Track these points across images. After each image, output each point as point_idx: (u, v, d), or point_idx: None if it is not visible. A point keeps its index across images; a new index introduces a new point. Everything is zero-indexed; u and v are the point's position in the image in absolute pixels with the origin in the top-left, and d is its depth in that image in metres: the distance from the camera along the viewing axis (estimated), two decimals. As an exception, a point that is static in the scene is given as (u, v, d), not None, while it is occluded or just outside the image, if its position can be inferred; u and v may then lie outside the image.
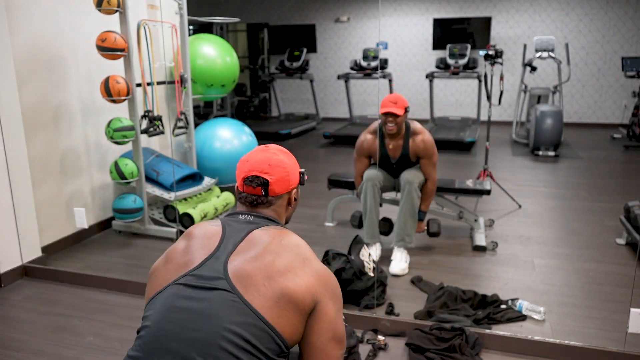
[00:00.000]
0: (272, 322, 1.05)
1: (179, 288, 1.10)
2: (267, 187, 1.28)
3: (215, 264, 1.12)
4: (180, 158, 4.16)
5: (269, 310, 1.06)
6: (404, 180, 3.08)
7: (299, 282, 1.11)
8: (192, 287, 1.09)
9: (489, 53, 4.22)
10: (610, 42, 8.27)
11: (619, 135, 7.34)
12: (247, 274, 1.09)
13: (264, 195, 1.29)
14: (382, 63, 7.88)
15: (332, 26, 9.54)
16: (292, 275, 1.11)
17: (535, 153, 6.19)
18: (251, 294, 1.07)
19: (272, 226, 1.25)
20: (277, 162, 1.31)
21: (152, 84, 3.58)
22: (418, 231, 3.20)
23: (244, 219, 1.25)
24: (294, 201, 1.38)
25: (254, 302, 1.06)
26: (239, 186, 1.33)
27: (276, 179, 1.29)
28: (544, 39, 6.88)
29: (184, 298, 1.08)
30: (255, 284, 1.08)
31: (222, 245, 1.16)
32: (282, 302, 1.07)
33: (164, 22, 3.78)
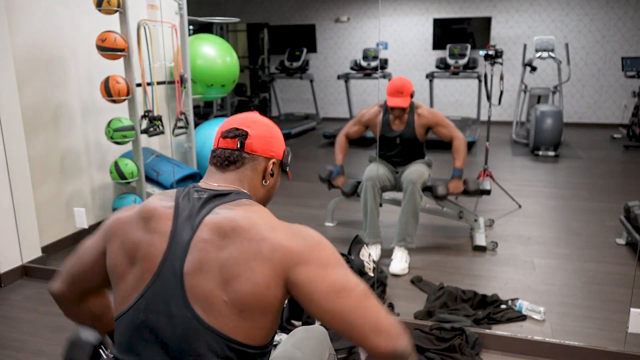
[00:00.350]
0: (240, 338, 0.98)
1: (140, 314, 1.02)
2: (244, 138, 1.13)
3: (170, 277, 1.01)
4: (180, 158, 4.16)
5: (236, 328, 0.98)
6: (407, 180, 3.08)
7: (258, 278, 0.97)
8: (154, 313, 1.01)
9: (489, 53, 4.22)
10: (610, 42, 8.27)
11: (619, 135, 7.34)
12: (204, 291, 0.98)
13: (239, 149, 1.13)
14: (382, 63, 7.88)
15: (332, 26, 9.54)
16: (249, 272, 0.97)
17: (535, 153, 6.19)
18: (213, 315, 0.97)
19: (225, 205, 1.06)
20: (264, 122, 1.19)
21: (152, 84, 3.58)
22: (455, 191, 3.17)
23: (198, 198, 1.07)
24: (271, 177, 1.19)
25: (219, 325, 0.97)
26: (214, 145, 1.18)
27: (257, 134, 1.15)
28: (544, 39, 6.88)
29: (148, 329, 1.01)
30: (215, 303, 0.97)
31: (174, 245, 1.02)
32: (247, 313, 0.98)
33: (164, 22, 3.78)
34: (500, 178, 4.67)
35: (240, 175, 1.14)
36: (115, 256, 1.09)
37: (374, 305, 1.00)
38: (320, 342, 1.35)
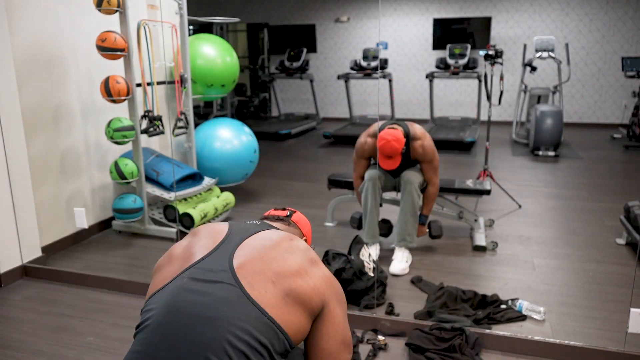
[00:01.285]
0: (276, 318, 1.04)
1: (183, 281, 1.08)
2: (292, 213, 1.45)
3: (220, 256, 1.12)
4: (180, 158, 4.16)
5: (275, 307, 1.05)
6: (405, 180, 3.08)
7: (309, 281, 1.11)
8: (196, 280, 1.08)
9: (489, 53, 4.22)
10: (610, 42, 8.27)
11: (619, 135, 7.34)
12: (254, 269, 1.09)
13: (287, 216, 1.42)
14: (382, 63, 7.88)
15: (332, 26, 9.54)
16: (302, 275, 1.12)
17: (535, 153, 6.19)
18: (257, 290, 1.06)
19: (280, 230, 1.28)
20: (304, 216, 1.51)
21: (152, 84, 3.58)
22: (420, 235, 3.20)
23: (252, 224, 1.28)
24: None
25: (259, 298, 1.05)
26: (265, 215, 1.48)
27: (301, 216, 1.48)
28: (544, 39, 6.88)
29: (188, 291, 1.06)
30: (262, 280, 1.07)
31: (227, 240, 1.17)
32: (290, 299, 1.07)
33: (164, 22, 3.78)
34: (500, 178, 4.68)
35: (282, 226, 1.39)
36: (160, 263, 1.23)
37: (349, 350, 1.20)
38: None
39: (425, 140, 3.09)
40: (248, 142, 4.25)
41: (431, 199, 3.15)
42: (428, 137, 3.12)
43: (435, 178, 3.13)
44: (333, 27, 9.54)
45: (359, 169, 3.28)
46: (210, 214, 3.68)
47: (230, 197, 3.94)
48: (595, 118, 8.56)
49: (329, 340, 1.13)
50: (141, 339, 1.05)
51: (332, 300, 1.15)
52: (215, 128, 4.22)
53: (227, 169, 4.13)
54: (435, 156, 3.11)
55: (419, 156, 3.09)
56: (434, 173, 3.12)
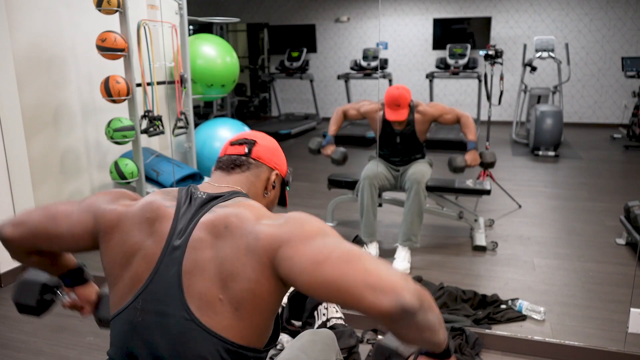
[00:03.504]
0: (237, 339, 0.96)
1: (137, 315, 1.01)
2: (252, 145, 1.19)
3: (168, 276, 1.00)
4: (180, 158, 4.16)
5: (231, 328, 0.96)
6: (411, 179, 3.08)
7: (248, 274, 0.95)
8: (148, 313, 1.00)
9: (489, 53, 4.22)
10: (610, 42, 8.27)
11: (619, 135, 7.34)
12: (200, 289, 0.97)
13: (246, 155, 1.17)
14: (382, 63, 7.88)
15: (332, 26, 9.54)
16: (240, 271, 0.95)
17: (535, 153, 6.19)
18: (207, 314, 0.96)
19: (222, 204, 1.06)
20: (270, 138, 1.25)
21: (152, 84, 3.58)
22: (473, 163, 3.16)
23: (199, 198, 1.08)
24: (272, 189, 1.23)
25: (213, 324, 0.95)
26: (220, 155, 1.21)
27: (264, 144, 1.21)
28: (544, 39, 6.88)
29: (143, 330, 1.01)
30: (210, 301, 0.96)
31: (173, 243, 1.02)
32: (242, 312, 0.96)
33: (164, 22, 3.78)
34: (500, 178, 4.67)
35: (243, 179, 1.16)
36: (114, 254, 1.08)
37: (363, 262, 0.87)
38: (326, 346, 1.34)
39: (427, 104, 3.24)
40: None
41: (470, 124, 3.19)
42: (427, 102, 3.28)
43: (458, 111, 3.21)
44: (333, 27, 9.54)
45: (349, 111, 3.42)
46: (210, 214, 3.67)
47: (230, 197, 3.94)
48: (595, 118, 8.56)
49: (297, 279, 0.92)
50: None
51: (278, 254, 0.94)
52: (215, 128, 4.22)
53: (227, 169, 4.13)
54: (442, 105, 3.24)
55: (432, 113, 3.19)
56: (455, 111, 3.20)
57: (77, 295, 1.39)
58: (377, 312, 0.82)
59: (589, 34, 8.34)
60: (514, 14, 8.60)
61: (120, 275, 1.06)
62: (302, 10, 9.63)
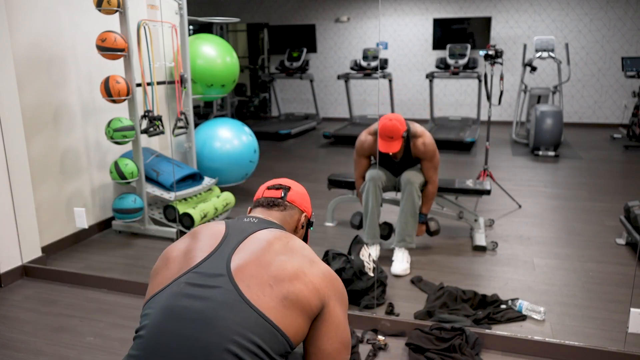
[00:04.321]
0: (275, 321, 1.04)
1: (180, 286, 1.08)
2: (287, 191, 1.39)
3: (217, 260, 1.11)
4: (180, 158, 4.16)
5: (273, 310, 1.04)
6: (405, 180, 3.08)
7: (307, 284, 1.10)
8: (193, 285, 1.07)
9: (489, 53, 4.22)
10: (610, 42, 8.27)
11: (619, 135, 7.34)
12: (251, 273, 1.08)
13: (282, 198, 1.37)
14: (382, 63, 7.88)
15: (332, 26, 9.54)
16: (300, 276, 1.10)
17: (535, 153, 6.19)
18: (255, 293, 1.05)
19: (277, 229, 1.25)
20: (301, 187, 1.46)
21: (152, 84, 3.58)
22: (419, 234, 3.20)
23: (249, 221, 1.26)
24: (302, 229, 1.42)
25: (258, 302, 1.04)
26: (258, 197, 1.41)
27: (296, 191, 1.42)
28: (544, 39, 6.88)
29: (185, 296, 1.05)
30: (260, 283, 1.06)
31: (225, 242, 1.16)
32: (288, 302, 1.06)
33: (164, 22, 3.78)
34: (500, 178, 4.68)
35: (281, 217, 1.35)
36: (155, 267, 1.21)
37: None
38: None
39: (426, 137, 3.09)
40: (248, 142, 4.25)
41: (430, 197, 3.15)
42: (429, 135, 3.12)
43: (435, 176, 3.13)
44: (333, 27, 9.54)
45: (360, 168, 3.27)
46: (210, 214, 3.68)
47: (230, 197, 3.94)
48: (595, 118, 8.56)
49: (328, 341, 1.12)
50: (138, 344, 1.05)
51: (332, 300, 1.13)
52: (215, 128, 4.22)
53: (227, 169, 4.13)
54: (436, 154, 3.11)
55: (420, 154, 3.09)
56: (434, 171, 3.12)
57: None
58: None
59: (589, 34, 8.34)
60: (514, 14, 8.60)
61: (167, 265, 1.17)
62: (302, 10, 9.63)
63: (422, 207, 3.15)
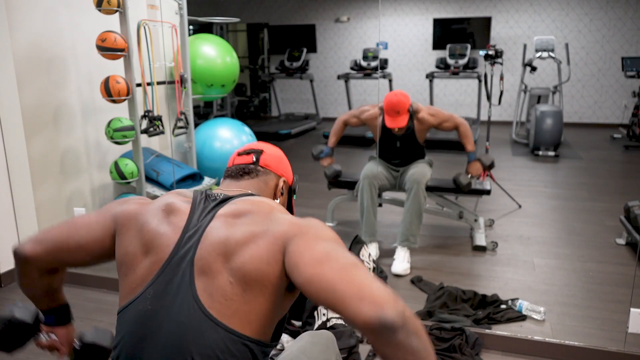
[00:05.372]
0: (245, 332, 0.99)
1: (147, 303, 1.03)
2: (259, 154, 1.24)
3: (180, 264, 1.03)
4: (180, 158, 4.16)
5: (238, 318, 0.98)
6: (411, 180, 3.08)
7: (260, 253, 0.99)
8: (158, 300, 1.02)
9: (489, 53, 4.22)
10: (610, 42, 8.27)
11: (619, 135, 7.34)
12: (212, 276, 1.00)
13: (254, 163, 1.23)
14: (382, 63, 7.88)
15: (332, 26, 9.54)
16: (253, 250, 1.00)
17: (535, 153, 6.19)
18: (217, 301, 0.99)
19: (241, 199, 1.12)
20: (276, 148, 1.32)
21: (152, 84, 3.58)
22: (475, 172, 3.21)
23: (214, 198, 1.13)
24: (280, 196, 1.27)
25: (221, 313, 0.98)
26: (228, 165, 1.26)
27: (271, 153, 1.27)
28: (544, 39, 6.88)
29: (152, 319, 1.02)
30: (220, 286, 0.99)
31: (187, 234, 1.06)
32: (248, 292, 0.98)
33: (164, 22, 3.78)
34: (500, 178, 4.67)
35: (254, 184, 1.22)
36: (129, 244, 1.10)
37: (361, 274, 0.89)
38: (326, 347, 1.34)
39: (428, 108, 3.22)
40: (248, 142, 4.25)
41: (469, 133, 3.21)
42: (429, 106, 3.26)
43: (457, 119, 3.21)
44: (333, 27, 9.54)
45: (350, 120, 3.40)
46: (210, 214, 3.67)
47: (230, 197, 3.94)
48: (595, 118, 8.56)
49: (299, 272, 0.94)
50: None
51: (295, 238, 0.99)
52: (215, 128, 4.22)
53: (227, 169, 4.13)
54: (442, 112, 3.21)
55: (432, 122, 3.18)
56: (454, 119, 3.20)
57: (57, 335, 1.35)
58: (358, 320, 0.83)
59: (589, 34, 8.34)
60: (514, 14, 8.60)
61: (133, 266, 1.09)
62: (302, 10, 9.63)
63: (466, 146, 3.20)
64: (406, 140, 3.20)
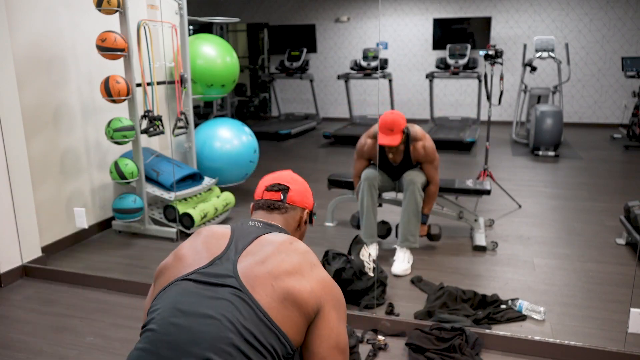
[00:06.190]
0: (277, 321, 1.06)
1: (188, 283, 1.11)
2: (286, 192, 1.38)
3: (224, 263, 1.14)
4: (180, 158, 4.16)
5: (275, 310, 1.07)
6: (407, 180, 3.08)
7: (305, 284, 1.12)
8: (202, 283, 1.10)
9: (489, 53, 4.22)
10: (610, 42, 8.27)
11: (619, 135, 7.34)
12: (255, 274, 1.11)
13: (282, 200, 1.37)
14: (382, 63, 7.88)
15: (332, 26, 9.54)
16: (298, 277, 1.13)
17: (535, 153, 6.19)
18: (258, 293, 1.08)
19: (281, 233, 1.28)
20: (301, 181, 1.44)
21: (152, 84, 3.58)
22: (421, 235, 3.20)
23: (254, 225, 1.28)
24: (304, 225, 1.42)
25: (262, 301, 1.07)
26: (257, 197, 1.40)
27: (296, 190, 1.40)
28: (544, 39, 6.88)
29: (192, 293, 1.09)
30: (263, 283, 1.09)
31: (232, 246, 1.18)
32: (288, 302, 1.09)
33: (164, 22, 3.78)
34: (500, 178, 4.67)
35: (283, 220, 1.36)
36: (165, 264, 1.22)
37: None
38: None
39: (426, 140, 3.10)
40: (248, 142, 4.25)
41: (432, 197, 3.16)
42: (428, 138, 3.13)
43: (437, 176, 3.15)
44: (333, 27, 9.54)
45: (359, 167, 3.28)
46: (210, 214, 3.68)
47: (230, 197, 3.94)
48: (595, 118, 8.56)
49: (321, 344, 1.13)
50: (146, 337, 1.07)
51: (328, 304, 1.15)
52: (215, 128, 4.22)
53: (227, 169, 4.13)
54: (436, 156, 3.13)
55: (421, 157, 3.10)
56: (435, 172, 3.14)
57: None
58: None
59: (589, 34, 8.34)
60: (514, 14, 8.60)
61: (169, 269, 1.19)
62: (302, 10, 9.63)
63: (423, 207, 3.15)
64: (403, 164, 3.18)
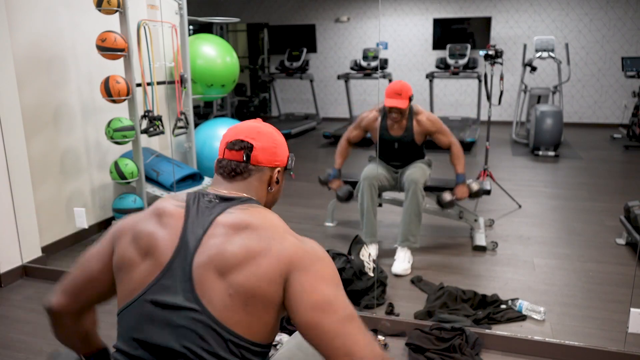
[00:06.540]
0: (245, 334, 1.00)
1: (146, 306, 1.03)
2: (250, 151, 1.17)
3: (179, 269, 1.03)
4: (180, 158, 4.16)
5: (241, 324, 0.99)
6: (409, 180, 3.08)
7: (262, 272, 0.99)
8: (157, 306, 1.02)
9: (489, 53, 4.22)
10: (610, 42, 8.27)
11: (619, 135, 7.34)
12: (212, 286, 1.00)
13: (245, 161, 1.17)
14: (382, 63, 7.88)
15: (332, 26, 9.54)
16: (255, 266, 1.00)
17: (535, 153, 6.19)
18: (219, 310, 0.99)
19: (239, 207, 1.10)
20: (267, 133, 1.21)
21: (152, 84, 3.58)
22: (461, 196, 3.15)
23: (209, 202, 1.12)
24: (276, 184, 1.23)
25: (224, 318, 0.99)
26: (219, 154, 1.20)
27: (262, 146, 1.18)
28: (544, 39, 6.88)
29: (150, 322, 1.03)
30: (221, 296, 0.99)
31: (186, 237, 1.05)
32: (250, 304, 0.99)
33: (164, 22, 3.78)
34: (500, 178, 4.67)
35: (247, 185, 1.18)
36: (125, 250, 1.10)
37: (356, 331, 0.97)
38: None
39: (428, 113, 3.24)
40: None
41: (459, 156, 3.20)
42: (428, 111, 3.27)
43: (452, 138, 3.21)
44: (333, 27, 9.54)
45: (351, 134, 3.40)
46: (210, 214, 3.67)
47: (230, 197, 3.94)
48: (595, 118, 8.56)
49: (297, 311, 0.98)
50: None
51: (294, 273, 1.00)
52: (215, 128, 4.22)
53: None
54: (441, 123, 3.23)
55: (429, 128, 3.19)
56: (449, 136, 3.21)
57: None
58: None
59: (589, 34, 8.34)
60: (514, 14, 8.60)
61: (132, 268, 1.08)
62: (302, 10, 9.63)
63: (456, 167, 3.18)
64: (404, 141, 3.21)
